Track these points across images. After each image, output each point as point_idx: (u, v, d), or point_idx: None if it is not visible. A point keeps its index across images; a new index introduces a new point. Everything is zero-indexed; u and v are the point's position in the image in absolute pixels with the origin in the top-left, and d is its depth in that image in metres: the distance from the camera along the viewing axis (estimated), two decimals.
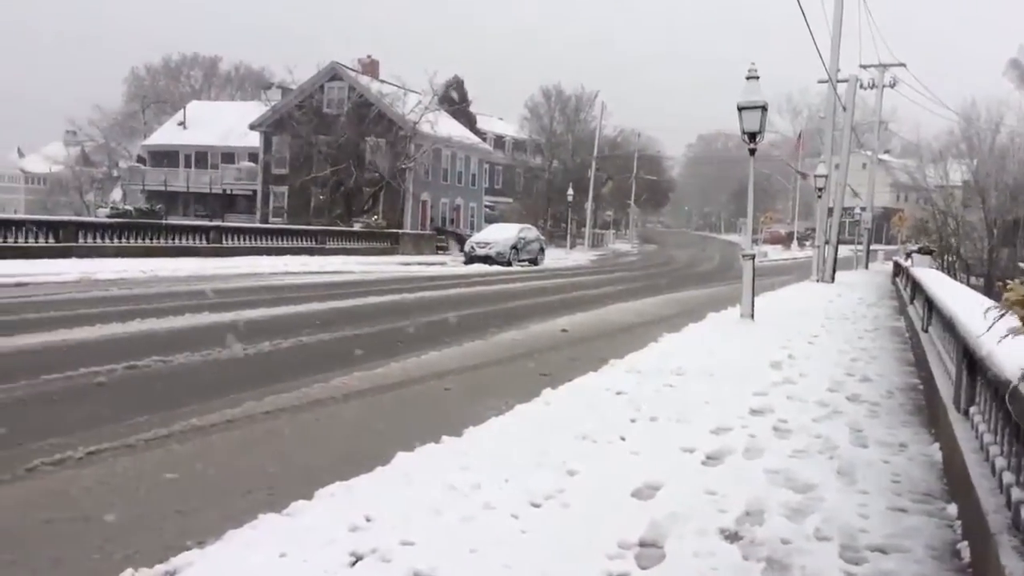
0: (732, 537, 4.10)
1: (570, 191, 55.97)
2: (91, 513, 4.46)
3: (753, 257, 13.97)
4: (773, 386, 7.82)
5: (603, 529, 4.05)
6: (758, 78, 13.23)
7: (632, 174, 75.52)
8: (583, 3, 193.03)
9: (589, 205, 63.65)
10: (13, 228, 22.98)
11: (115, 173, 69.02)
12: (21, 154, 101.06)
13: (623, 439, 5.75)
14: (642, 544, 3.95)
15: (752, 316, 13.33)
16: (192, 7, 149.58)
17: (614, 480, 4.79)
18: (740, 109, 13.19)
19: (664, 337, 11.25)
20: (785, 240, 74.47)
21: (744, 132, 13.34)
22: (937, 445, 5.83)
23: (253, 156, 51.64)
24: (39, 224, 24.27)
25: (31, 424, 6.04)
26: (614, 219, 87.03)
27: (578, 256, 49.84)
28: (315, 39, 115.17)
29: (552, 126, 72.72)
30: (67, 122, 73.36)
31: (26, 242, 22.81)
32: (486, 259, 33.49)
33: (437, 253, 41.87)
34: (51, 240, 23.50)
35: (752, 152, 13.84)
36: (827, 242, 26.31)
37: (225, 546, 3.81)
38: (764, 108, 13.22)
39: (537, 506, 4.35)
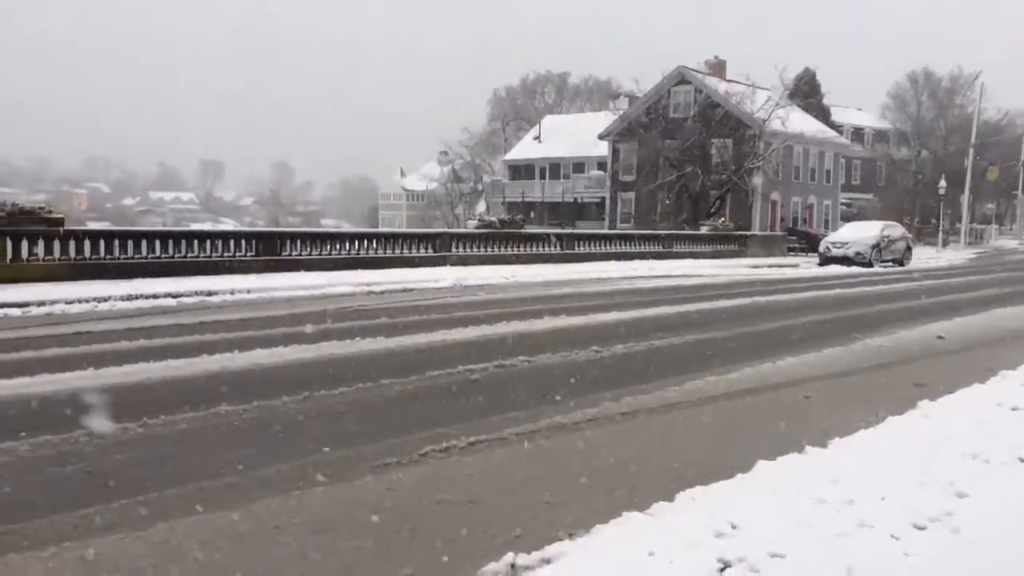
0: None
1: (942, 183, 50.54)
2: (475, 497, 4.89)
3: None
4: None
5: (1004, 561, 3.58)
6: None
7: (1019, 161, 66.35)
8: None
9: (965, 198, 57.01)
10: (400, 240, 26.22)
11: (479, 187, 75.48)
12: (403, 174, 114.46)
13: (1022, 461, 5.05)
14: None
15: None
16: (543, 32, 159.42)
17: (1015, 507, 4.22)
18: None
19: None
20: None
21: None
22: None
23: (602, 165, 53.64)
24: (420, 236, 27.44)
25: (421, 415, 6.80)
26: (996, 213, 77.10)
27: (951, 255, 44.83)
28: (659, 48, 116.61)
29: (920, 113, 66.37)
30: (440, 143, 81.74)
31: (410, 252, 25.84)
32: (843, 260, 31.41)
33: (788, 255, 40.11)
34: (429, 250, 26.35)
35: None
36: None
37: (594, 539, 3.97)
38: None
39: (921, 528, 3.96)
